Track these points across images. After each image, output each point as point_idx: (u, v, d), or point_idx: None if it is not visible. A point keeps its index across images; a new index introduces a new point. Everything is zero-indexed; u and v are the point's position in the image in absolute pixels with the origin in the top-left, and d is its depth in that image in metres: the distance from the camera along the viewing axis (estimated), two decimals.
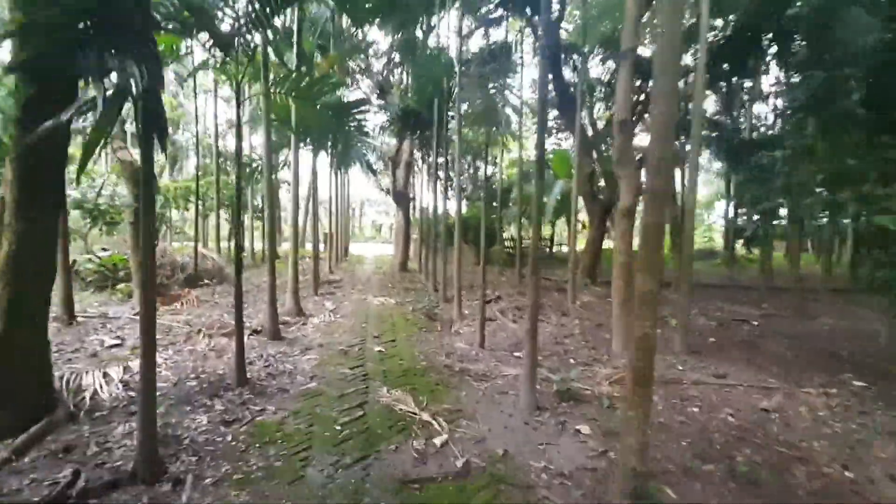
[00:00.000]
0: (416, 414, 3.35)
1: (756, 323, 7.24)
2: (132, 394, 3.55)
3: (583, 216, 23.48)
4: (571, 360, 4.91)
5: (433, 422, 3.23)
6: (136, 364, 4.22)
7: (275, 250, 5.29)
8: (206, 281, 8.48)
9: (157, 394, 3.62)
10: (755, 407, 3.76)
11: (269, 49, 4.85)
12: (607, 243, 14.24)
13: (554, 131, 22.85)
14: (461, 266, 7.03)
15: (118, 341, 4.96)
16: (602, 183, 12.98)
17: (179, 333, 5.40)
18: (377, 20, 9.18)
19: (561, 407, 3.63)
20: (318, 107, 4.11)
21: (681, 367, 4.81)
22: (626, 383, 4.44)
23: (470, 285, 9.28)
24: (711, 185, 33.04)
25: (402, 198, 14.24)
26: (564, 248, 23.44)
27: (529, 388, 3.62)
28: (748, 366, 4.97)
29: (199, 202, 15.20)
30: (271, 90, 4.34)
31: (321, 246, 19.55)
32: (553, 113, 21.66)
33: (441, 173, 11.11)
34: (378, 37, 15.21)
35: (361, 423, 3.22)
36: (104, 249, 8.57)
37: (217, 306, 7.24)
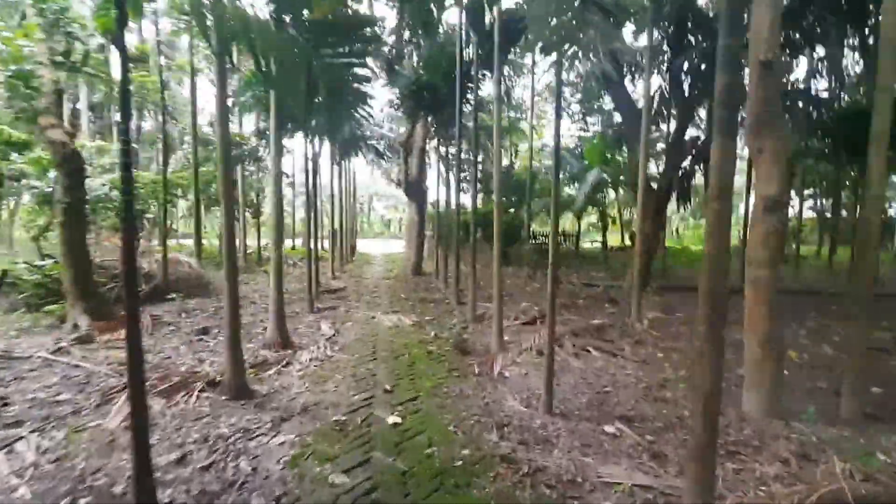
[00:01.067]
0: None
1: None
2: None
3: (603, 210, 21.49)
4: None
5: None
6: None
7: (234, 255, 3.52)
8: (172, 295, 6.77)
9: None
10: None
11: None
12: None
13: (579, 116, 20.88)
14: (502, 278, 5.22)
15: None
16: None
17: (98, 388, 3.67)
18: None
19: None
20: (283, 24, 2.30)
21: (882, 456, 2.95)
22: None
23: (499, 294, 7.47)
24: (741, 174, 30.85)
25: (415, 190, 12.42)
26: (587, 245, 21.51)
27: None
28: None
29: (184, 196, 13.58)
30: None
31: (325, 244, 17.90)
32: (576, 96, 19.78)
33: (458, 163, 9.26)
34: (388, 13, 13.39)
35: None
36: (48, 256, 6.91)
37: (178, 332, 5.51)
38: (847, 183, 15.57)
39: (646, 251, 9.66)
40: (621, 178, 16.17)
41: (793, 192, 18.36)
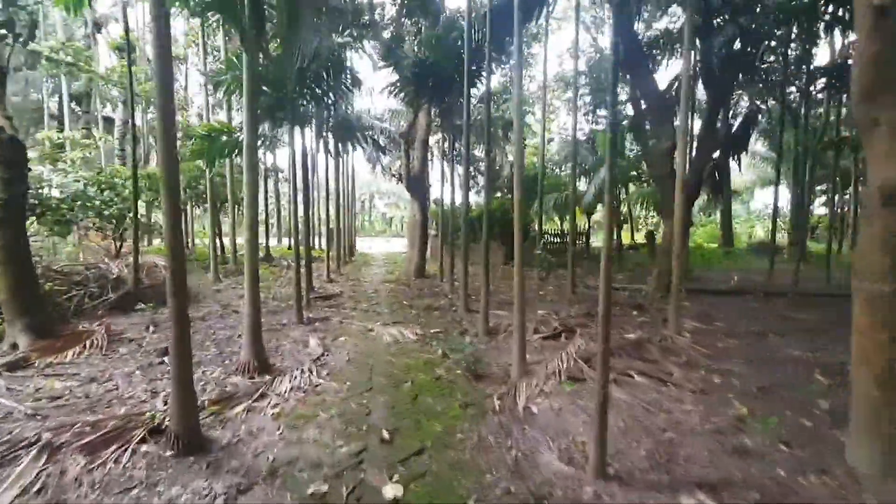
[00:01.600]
0: None
1: None
2: None
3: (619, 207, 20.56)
4: None
5: None
6: None
7: (182, 261, 2.66)
8: (141, 305, 5.92)
9: None
10: None
11: None
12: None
13: (591, 109, 19.89)
14: (523, 285, 4.34)
15: None
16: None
17: (8, 437, 2.81)
18: None
19: None
20: None
21: None
22: None
23: (521, 306, 6.60)
24: (754, 168, 29.98)
25: (417, 185, 11.53)
26: (597, 243, 20.58)
27: None
28: None
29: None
30: None
31: (321, 243, 16.97)
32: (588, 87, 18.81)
33: (467, 152, 8.37)
34: None
35: None
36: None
37: (138, 351, 4.66)
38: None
39: (679, 251, 8.76)
40: (633, 173, 15.31)
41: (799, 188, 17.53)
